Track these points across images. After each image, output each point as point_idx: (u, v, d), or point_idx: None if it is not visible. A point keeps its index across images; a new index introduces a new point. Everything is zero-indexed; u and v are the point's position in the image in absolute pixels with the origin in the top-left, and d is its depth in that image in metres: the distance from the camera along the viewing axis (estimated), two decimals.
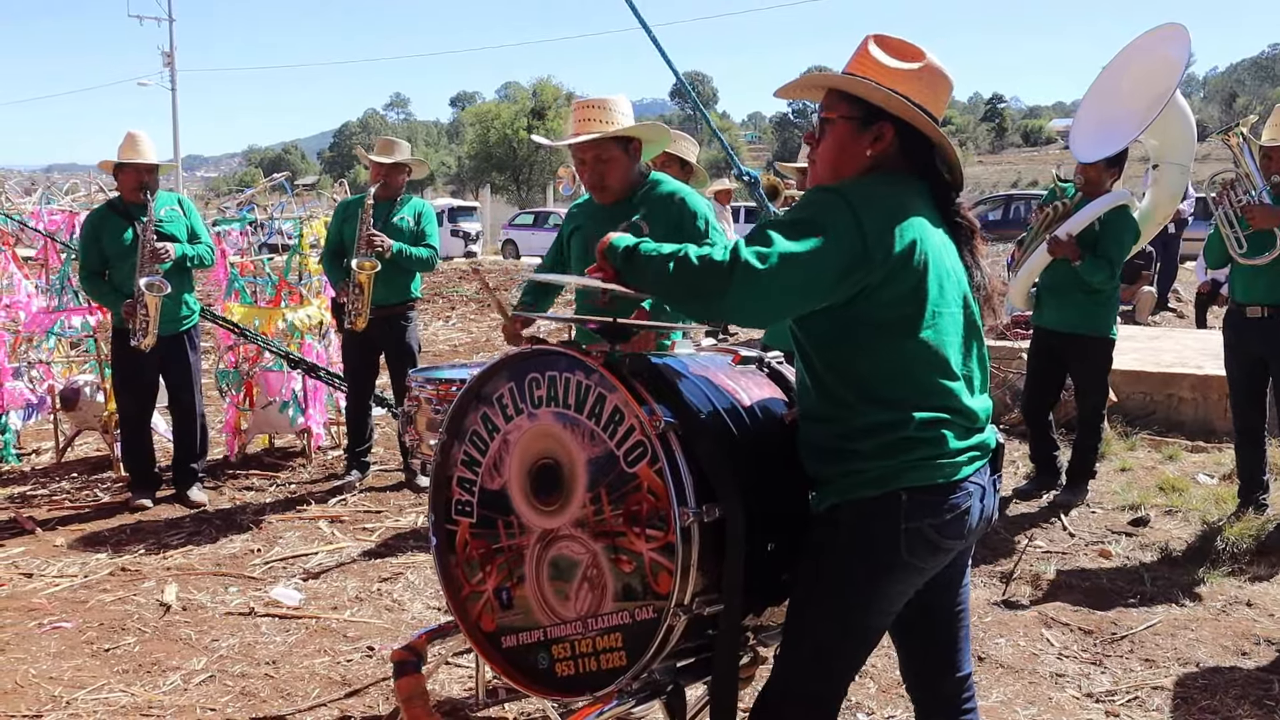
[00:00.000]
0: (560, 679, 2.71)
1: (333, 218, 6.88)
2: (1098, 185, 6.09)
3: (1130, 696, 4.07)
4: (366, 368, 6.89)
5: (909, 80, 2.42)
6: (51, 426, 7.69)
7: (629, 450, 2.52)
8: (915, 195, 2.45)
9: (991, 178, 64.59)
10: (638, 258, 2.38)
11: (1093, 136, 6.14)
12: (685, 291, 2.32)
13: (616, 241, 2.44)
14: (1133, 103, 6.03)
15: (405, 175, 6.76)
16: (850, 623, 2.46)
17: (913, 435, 2.35)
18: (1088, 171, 6.10)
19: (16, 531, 6.07)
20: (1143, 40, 6.23)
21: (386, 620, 4.77)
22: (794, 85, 2.61)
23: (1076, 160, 6.18)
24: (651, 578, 2.50)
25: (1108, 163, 6.04)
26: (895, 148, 2.45)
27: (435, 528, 2.96)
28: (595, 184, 3.96)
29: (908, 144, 2.46)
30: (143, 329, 6.09)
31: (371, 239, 6.44)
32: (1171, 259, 14.15)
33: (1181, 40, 5.97)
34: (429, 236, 6.84)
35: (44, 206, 7.96)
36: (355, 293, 6.50)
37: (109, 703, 4.01)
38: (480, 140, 62.47)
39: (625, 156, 3.92)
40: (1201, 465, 7.14)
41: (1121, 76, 6.22)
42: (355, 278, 6.46)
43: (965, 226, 2.54)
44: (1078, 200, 6.13)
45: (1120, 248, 6.02)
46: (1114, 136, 6.01)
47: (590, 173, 3.93)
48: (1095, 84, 6.36)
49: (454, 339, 13.97)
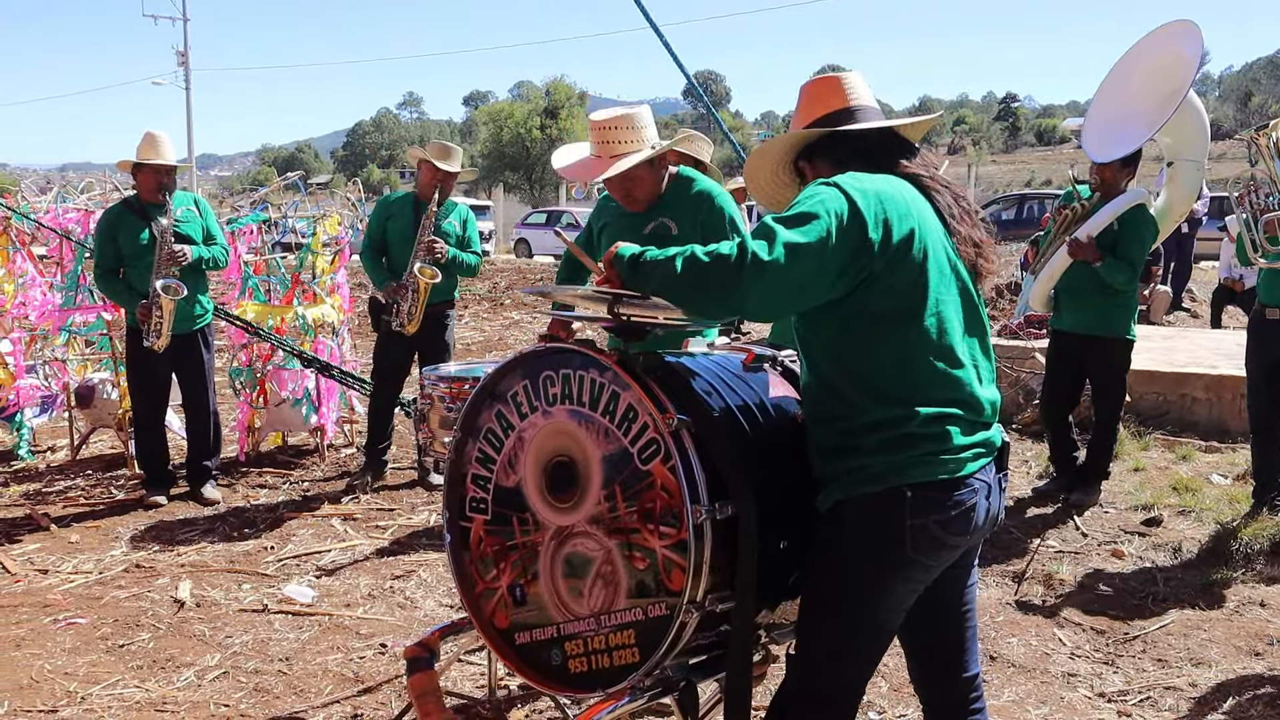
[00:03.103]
0: (573, 676, 2.72)
1: (374, 215, 6.86)
2: (1113, 185, 6.06)
3: (1143, 696, 4.06)
4: (399, 368, 6.91)
5: (800, 114, 2.66)
6: (67, 424, 7.73)
7: (643, 448, 2.53)
8: (901, 180, 2.49)
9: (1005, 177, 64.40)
10: (644, 264, 2.40)
11: (1106, 135, 6.11)
12: (694, 289, 2.32)
13: (623, 251, 2.45)
14: (1145, 101, 6.00)
15: (454, 181, 6.76)
16: (857, 620, 2.46)
17: (916, 431, 2.36)
18: (1103, 171, 6.07)
19: (32, 528, 6.10)
20: (1152, 37, 6.20)
21: (399, 618, 4.79)
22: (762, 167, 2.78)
23: (1091, 160, 6.15)
24: (665, 574, 2.50)
25: (1122, 162, 6.01)
26: (845, 154, 2.55)
27: (450, 525, 2.97)
28: (624, 199, 3.92)
29: (844, 147, 2.56)
30: (157, 330, 6.11)
31: (433, 245, 6.46)
32: (1186, 258, 14.12)
33: (1193, 37, 5.93)
34: (473, 242, 6.88)
35: (59, 205, 7.99)
36: (412, 298, 6.55)
37: (123, 698, 4.04)
38: (493, 139, 62.49)
39: (651, 170, 3.87)
40: (1215, 465, 7.12)
41: (1132, 74, 6.19)
42: (416, 283, 6.51)
43: (930, 186, 2.54)
44: (1096, 201, 6.10)
45: (1141, 247, 5.99)
46: (1128, 135, 5.98)
47: (618, 192, 3.88)
48: (1105, 82, 6.33)
49: (467, 338, 13.99)
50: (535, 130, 59.33)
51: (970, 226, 2.53)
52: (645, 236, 3.76)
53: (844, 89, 2.62)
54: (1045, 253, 6.28)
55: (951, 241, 2.49)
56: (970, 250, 2.51)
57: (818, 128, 2.61)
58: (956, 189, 2.58)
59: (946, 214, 2.50)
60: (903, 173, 2.52)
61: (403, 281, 6.51)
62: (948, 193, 2.54)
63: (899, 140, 2.62)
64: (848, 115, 2.59)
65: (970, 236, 2.52)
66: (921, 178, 2.53)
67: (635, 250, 2.43)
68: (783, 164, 2.74)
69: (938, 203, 2.51)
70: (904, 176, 2.51)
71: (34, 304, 7.59)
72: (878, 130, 2.59)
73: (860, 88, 2.64)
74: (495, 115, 65.24)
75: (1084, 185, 6.33)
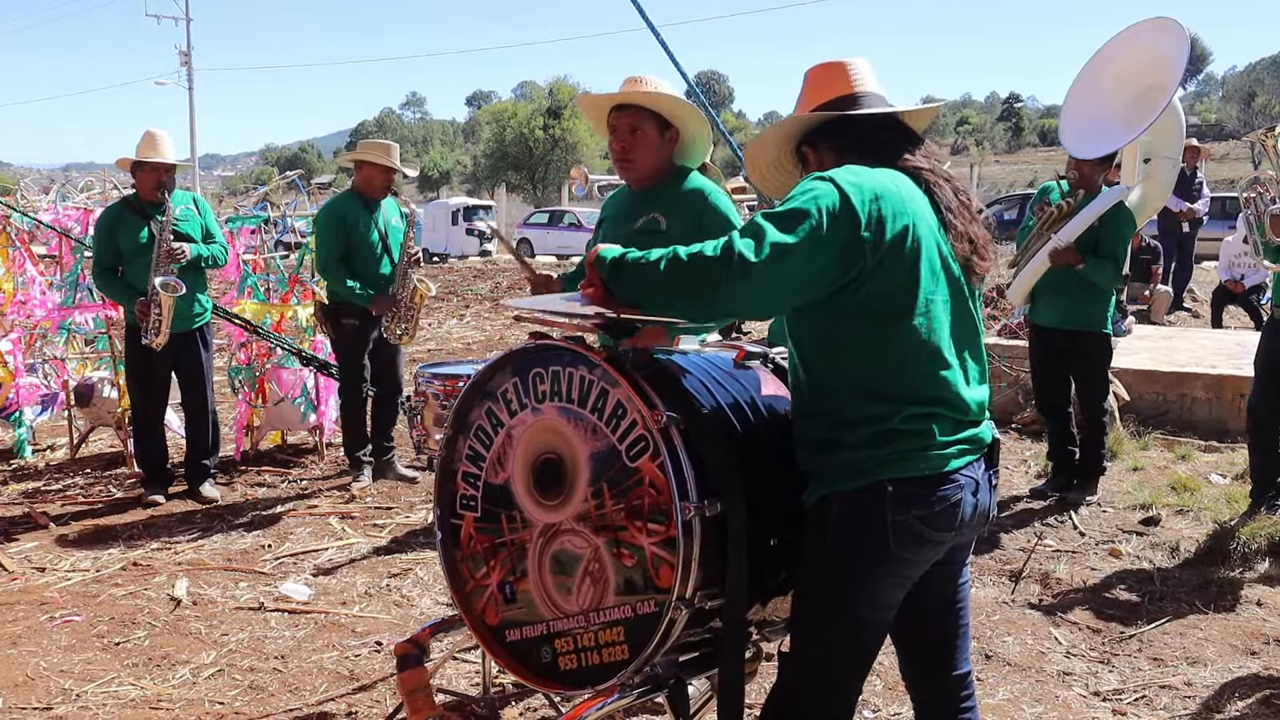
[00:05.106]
0: (564, 673, 2.71)
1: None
2: (1092, 181, 6.11)
3: (1138, 695, 4.05)
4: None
5: (804, 98, 2.65)
6: (66, 422, 7.74)
7: (631, 445, 2.53)
8: (900, 175, 2.47)
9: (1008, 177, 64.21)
10: (625, 266, 2.36)
11: (1085, 131, 6.13)
12: (677, 290, 2.29)
13: (604, 253, 2.40)
14: (1123, 98, 6.01)
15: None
16: (845, 616, 2.46)
17: (899, 427, 2.35)
18: (1082, 167, 6.11)
19: (29, 526, 6.11)
20: (1130, 32, 6.19)
21: (395, 616, 4.79)
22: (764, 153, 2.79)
23: (1070, 155, 6.18)
24: (653, 572, 2.50)
25: (1100, 159, 6.05)
26: (847, 140, 2.54)
27: (440, 522, 2.97)
28: (622, 155, 3.79)
29: (847, 133, 2.56)
30: (155, 328, 6.11)
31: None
32: (1187, 258, 14.09)
33: (1177, 36, 5.91)
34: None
35: (59, 204, 8.00)
36: (415, 303, 6.63)
37: (118, 695, 4.04)
38: (496, 139, 62.48)
39: (658, 137, 3.78)
40: (1214, 465, 7.11)
41: (1107, 70, 6.18)
42: (417, 293, 6.59)
43: (931, 180, 2.52)
44: (1080, 199, 6.12)
45: (1123, 245, 6.06)
46: (1110, 132, 5.99)
47: (620, 143, 3.78)
48: (1080, 78, 6.33)
49: (468, 336, 14.01)
50: (538, 130, 59.29)
51: (968, 222, 2.50)
52: (635, 230, 3.73)
53: (849, 74, 2.60)
54: (1027, 249, 6.29)
55: (946, 238, 2.47)
56: (965, 246, 2.48)
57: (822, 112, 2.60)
58: (958, 182, 2.55)
59: (945, 209, 2.48)
60: (905, 166, 2.49)
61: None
62: (949, 186, 2.51)
63: (903, 130, 2.60)
64: (852, 101, 2.57)
65: (966, 232, 2.49)
66: (923, 171, 2.50)
67: (617, 252, 2.39)
68: (785, 149, 2.73)
69: (938, 197, 2.48)
70: (906, 170, 2.48)
71: (34, 302, 7.60)
72: (882, 116, 2.57)
73: (866, 74, 2.62)
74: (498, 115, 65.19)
75: (1064, 180, 6.36)
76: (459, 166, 78.67)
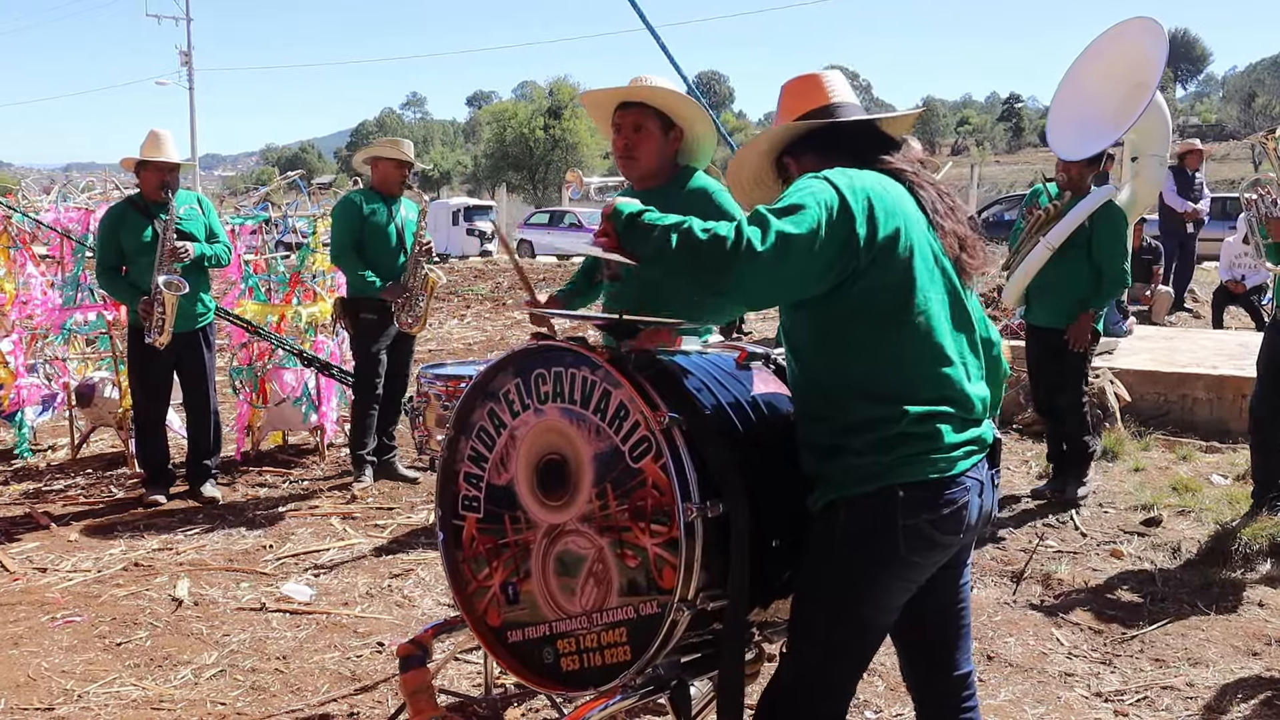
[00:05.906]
0: (566, 674, 2.72)
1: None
2: (1080, 182, 6.15)
3: (1140, 696, 4.05)
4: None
5: (784, 110, 2.71)
6: (67, 422, 7.74)
7: (634, 445, 2.53)
8: (885, 176, 2.50)
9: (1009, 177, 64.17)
10: (640, 225, 2.35)
11: (1073, 133, 6.17)
12: (687, 264, 2.27)
13: (621, 207, 2.40)
14: (1109, 98, 6.06)
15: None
16: (850, 619, 2.46)
17: (906, 430, 2.35)
18: (1069, 169, 6.15)
19: (31, 526, 6.11)
20: (1113, 33, 6.24)
21: (397, 616, 4.79)
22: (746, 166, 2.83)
23: (1059, 158, 6.20)
24: (656, 573, 2.50)
25: (1089, 160, 6.08)
26: (830, 147, 2.58)
27: (442, 523, 2.97)
28: (624, 152, 3.78)
29: (832, 140, 2.60)
30: (158, 326, 6.12)
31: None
32: (1188, 259, 14.08)
33: (1158, 35, 5.96)
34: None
35: (60, 204, 8.00)
36: (425, 292, 6.66)
37: (120, 696, 4.04)
38: (496, 139, 62.50)
39: (661, 136, 3.76)
40: (1215, 466, 7.11)
41: (1092, 72, 6.24)
42: (428, 282, 6.62)
43: (914, 181, 2.55)
44: (1067, 201, 6.14)
45: (1121, 243, 6.12)
46: (1097, 134, 6.02)
47: (623, 140, 3.78)
48: (1065, 81, 6.38)
49: (469, 337, 14.00)
50: (539, 130, 59.33)
51: (955, 222, 2.53)
52: None
53: (824, 86, 2.67)
54: (1019, 252, 6.32)
55: (936, 237, 2.49)
56: (954, 244, 2.51)
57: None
58: (940, 185, 2.59)
59: (930, 210, 2.51)
60: (886, 168, 2.53)
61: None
62: (931, 189, 2.55)
63: (881, 135, 2.63)
64: (829, 111, 2.63)
65: (954, 232, 2.52)
66: (905, 173, 2.54)
67: (635, 208, 2.38)
68: (766, 161, 2.76)
69: (921, 198, 2.51)
70: (887, 172, 2.52)
71: (34, 302, 7.60)
72: (865, 123, 2.62)
73: (840, 85, 2.69)
74: (498, 115, 65.22)
75: (1052, 183, 6.38)
76: (459, 167, 78.62)
